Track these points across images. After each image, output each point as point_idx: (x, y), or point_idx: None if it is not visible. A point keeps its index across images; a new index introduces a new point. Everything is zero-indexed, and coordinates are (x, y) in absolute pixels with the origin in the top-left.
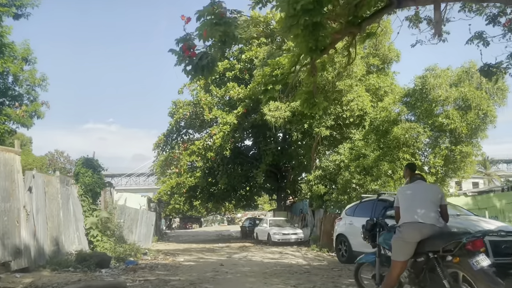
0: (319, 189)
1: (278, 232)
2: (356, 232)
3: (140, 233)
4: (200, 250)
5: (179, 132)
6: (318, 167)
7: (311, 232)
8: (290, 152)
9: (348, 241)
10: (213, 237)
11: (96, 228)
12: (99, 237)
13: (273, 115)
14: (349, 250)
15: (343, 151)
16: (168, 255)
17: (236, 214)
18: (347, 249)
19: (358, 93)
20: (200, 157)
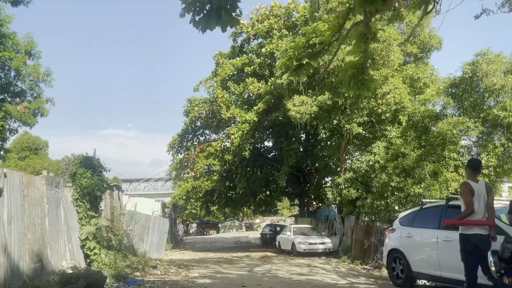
0: (350, 193)
1: (304, 241)
2: (417, 248)
3: (152, 242)
4: (217, 261)
5: (194, 133)
6: (348, 169)
7: (341, 242)
8: (314, 153)
9: (406, 259)
10: (231, 244)
11: (94, 238)
12: (96, 250)
13: (298, 111)
14: (407, 270)
15: (378, 150)
16: (181, 268)
17: (254, 220)
18: (404, 269)
19: (394, 85)
20: (217, 159)
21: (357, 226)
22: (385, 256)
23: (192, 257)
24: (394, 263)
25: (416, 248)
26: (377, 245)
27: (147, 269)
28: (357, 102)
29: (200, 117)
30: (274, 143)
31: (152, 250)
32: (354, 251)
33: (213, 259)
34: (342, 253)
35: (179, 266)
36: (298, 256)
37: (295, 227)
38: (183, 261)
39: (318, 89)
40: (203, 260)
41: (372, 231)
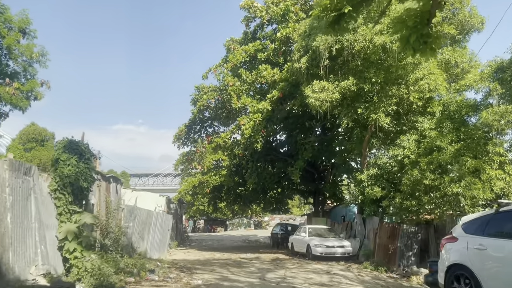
0: (374, 191)
1: (321, 243)
2: (494, 265)
3: (153, 240)
4: (224, 263)
5: (202, 124)
6: (372, 165)
7: (361, 245)
8: (331, 148)
9: (476, 279)
10: (239, 243)
11: (75, 239)
12: (77, 253)
13: (318, 98)
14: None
15: (408, 143)
16: (183, 271)
17: (263, 218)
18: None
19: (429, 69)
20: (226, 152)
21: (381, 228)
22: (443, 272)
23: (197, 257)
24: (457, 282)
25: (493, 265)
26: (403, 250)
27: (143, 273)
28: (385, 88)
29: (209, 106)
30: (287, 137)
31: (153, 249)
32: (377, 256)
33: (220, 260)
34: (363, 258)
35: (182, 269)
36: (314, 260)
37: (310, 228)
38: (187, 262)
39: (341, 73)
40: (209, 262)
41: (398, 234)
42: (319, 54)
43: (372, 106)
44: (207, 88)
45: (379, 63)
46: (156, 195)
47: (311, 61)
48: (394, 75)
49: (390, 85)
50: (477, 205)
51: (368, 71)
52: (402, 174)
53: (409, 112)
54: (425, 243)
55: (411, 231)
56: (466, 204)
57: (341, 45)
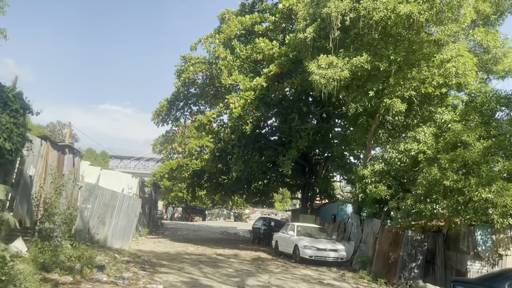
0: (379, 190)
1: (311, 245)
2: None
3: (116, 226)
4: (197, 259)
5: (187, 101)
6: (378, 159)
7: (356, 250)
8: (327, 139)
9: None
10: (217, 235)
11: None
12: None
13: (323, 75)
14: None
15: (424, 137)
16: (144, 269)
17: (243, 210)
18: None
19: (458, 51)
20: (210, 134)
21: (383, 233)
22: None
23: (167, 249)
24: None
25: None
26: (405, 260)
27: (87, 270)
28: (404, 69)
29: (195, 81)
30: (281, 122)
31: (116, 237)
32: (376, 265)
33: (192, 255)
34: (359, 266)
35: (143, 264)
36: (302, 263)
37: (299, 226)
38: (154, 255)
39: (353, 48)
40: (179, 257)
41: (401, 241)
42: (329, 23)
43: (387, 89)
44: (195, 59)
45: (400, 38)
46: (127, 176)
47: (318, 32)
48: (417, 54)
49: (411, 66)
50: (507, 215)
51: (386, 47)
52: (415, 172)
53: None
54: (431, 254)
55: (416, 239)
56: (495, 213)
57: (356, 14)
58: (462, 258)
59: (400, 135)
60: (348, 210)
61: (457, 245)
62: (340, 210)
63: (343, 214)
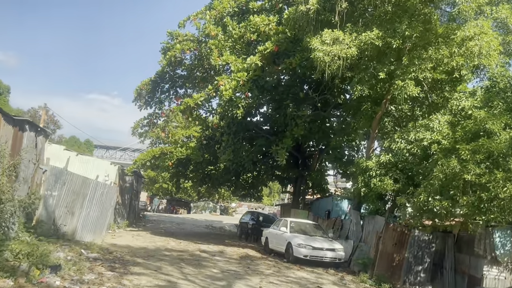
0: (385, 184)
1: (306, 243)
2: None
3: (87, 217)
4: (178, 256)
5: (173, 83)
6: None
7: (355, 250)
8: (324, 128)
9: None
10: (202, 229)
11: None
12: None
13: (328, 52)
14: None
15: (438, 125)
16: (112, 269)
17: (230, 204)
18: None
19: (481, 28)
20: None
21: (387, 231)
22: None
23: (146, 243)
24: None
25: None
26: (411, 263)
27: (36, 272)
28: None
29: (182, 60)
30: (275, 109)
31: (86, 230)
32: (378, 268)
33: (173, 252)
34: (358, 268)
35: (114, 263)
36: (295, 263)
37: (293, 222)
38: (129, 251)
39: (362, 23)
40: (158, 253)
41: (407, 242)
42: None
43: (399, 69)
44: (183, 36)
45: (417, 12)
46: (106, 163)
47: (323, 3)
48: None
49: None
50: None
51: (400, 22)
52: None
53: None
54: (439, 257)
55: (423, 240)
56: None
57: None
58: (477, 263)
59: (406, 125)
60: (344, 206)
61: (471, 247)
62: (335, 205)
63: (338, 210)
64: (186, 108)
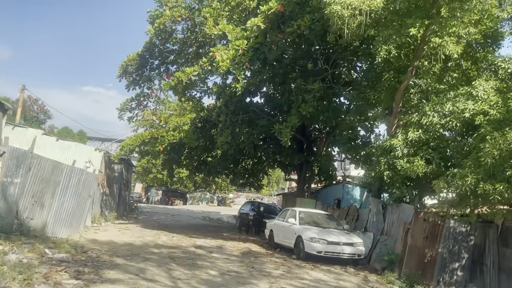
0: (415, 165)
1: (319, 237)
2: None
3: (60, 209)
4: (168, 254)
5: (163, 59)
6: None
7: (376, 244)
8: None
9: None
10: (198, 220)
11: None
12: None
13: (347, 4)
14: None
15: (484, 92)
16: (80, 275)
17: (227, 194)
18: None
19: None
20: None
21: (416, 222)
22: None
23: (132, 238)
24: None
25: None
26: (446, 259)
27: None
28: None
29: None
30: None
31: (60, 224)
32: (407, 266)
33: (163, 248)
34: (381, 265)
35: (82, 267)
36: (307, 260)
37: (302, 213)
38: (109, 248)
39: None
40: (145, 251)
41: (440, 234)
42: None
43: (436, 23)
44: (173, 2)
45: None
46: (90, 148)
47: None
48: None
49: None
50: None
51: None
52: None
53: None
54: (479, 252)
55: (460, 232)
56: None
57: None
58: None
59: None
60: (356, 194)
61: None
62: (346, 193)
63: (349, 198)
64: (177, 84)
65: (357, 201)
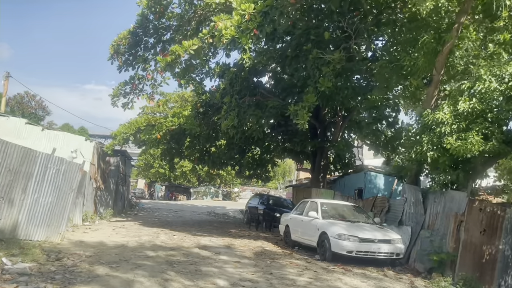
0: (470, 143)
1: (350, 233)
2: None
3: (35, 206)
4: (167, 257)
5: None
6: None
7: (415, 239)
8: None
9: None
10: (202, 216)
11: None
12: None
13: None
14: None
15: None
16: None
17: (233, 188)
18: None
19: None
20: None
21: (471, 213)
22: None
23: (127, 238)
24: None
25: None
26: (508, 257)
27: None
28: None
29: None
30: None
31: (35, 223)
32: (461, 266)
33: (160, 251)
34: (424, 265)
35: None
36: (335, 261)
37: (325, 204)
38: (96, 252)
39: None
40: (139, 254)
41: (501, 227)
42: None
43: None
44: None
45: None
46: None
47: None
48: None
49: None
50: None
51: None
52: None
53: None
54: None
55: None
56: None
57: None
58: None
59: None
60: (380, 182)
61: None
62: (368, 182)
63: (372, 187)
64: (174, 60)
65: (381, 190)
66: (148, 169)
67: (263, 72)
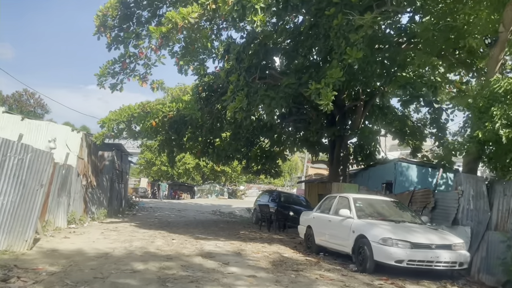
0: None
1: (398, 237)
2: None
3: None
4: (161, 270)
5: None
6: None
7: (478, 243)
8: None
9: None
10: (207, 215)
11: None
12: None
13: None
14: None
15: None
16: None
17: (238, 186)
18: None
19: None
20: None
21: None
22: None
23: (114, 245)
24: None
25: None
26: None
27: None
28: None
29: None
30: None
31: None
32: None
33: (153, 261)
34: (495, 278)
35: None
36: (378, 273)
37: (358, 200)
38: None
39: None
40: (122, 267)
41: None
42: None
43: None
44: None
45: None
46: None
47: None
48: None
49: None
50: None
51: None
52: None
53: None
54: None
55: None
56: None
57: None
58: None
59: None
60: (412, 174)
61: None
62: (399, 174)
63: (404, 180)
64: (170, 30)
65: (413, 183)
66: (150, 167)
67: (275, 51)
